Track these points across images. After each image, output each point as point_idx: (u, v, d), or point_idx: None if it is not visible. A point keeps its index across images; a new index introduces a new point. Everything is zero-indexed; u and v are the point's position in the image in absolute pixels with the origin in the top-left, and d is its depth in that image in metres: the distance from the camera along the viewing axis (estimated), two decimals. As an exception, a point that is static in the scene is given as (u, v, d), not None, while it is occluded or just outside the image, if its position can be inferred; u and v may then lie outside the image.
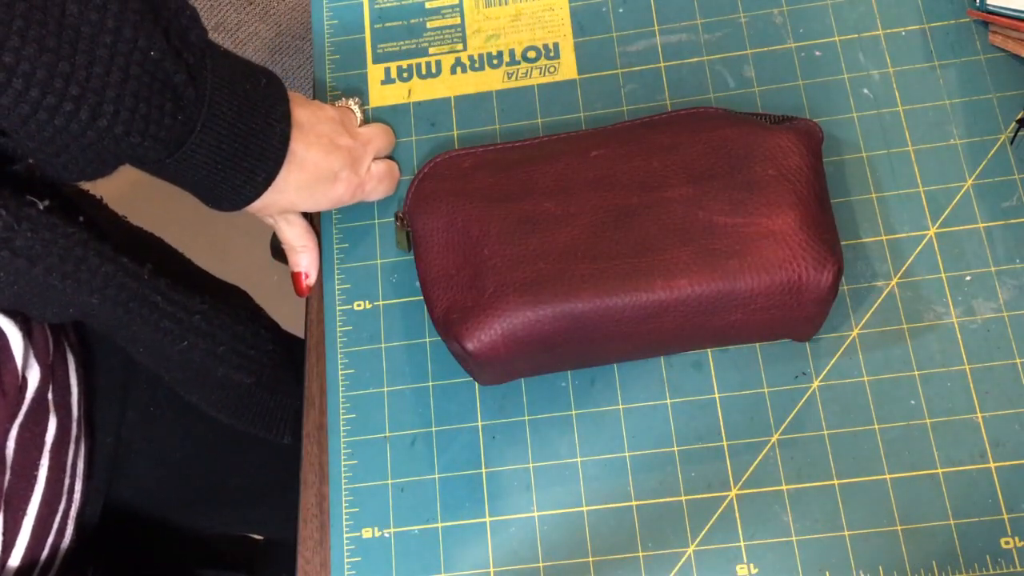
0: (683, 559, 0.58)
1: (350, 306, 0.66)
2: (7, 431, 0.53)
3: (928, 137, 0.65)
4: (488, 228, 0.57)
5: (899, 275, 0.62)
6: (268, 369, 0.68)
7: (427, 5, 0.73)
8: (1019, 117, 0.64)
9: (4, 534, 0.53)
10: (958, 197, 0.63)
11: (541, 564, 0.59)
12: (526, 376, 0.62)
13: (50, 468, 0.56)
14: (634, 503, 0.60)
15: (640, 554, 0.58)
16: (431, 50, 0.72)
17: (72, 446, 0.59)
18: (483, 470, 0.61)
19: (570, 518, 0.60)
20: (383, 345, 0.64)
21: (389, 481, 0.61)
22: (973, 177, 0.64)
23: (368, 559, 0.60)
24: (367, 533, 0.61)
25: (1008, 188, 0.63)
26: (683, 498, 0.59)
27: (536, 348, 0.56)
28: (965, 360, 0.60)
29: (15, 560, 0.54)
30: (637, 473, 0.60)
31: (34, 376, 0.55)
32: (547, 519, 0.60)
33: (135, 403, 0.70)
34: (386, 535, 0.60)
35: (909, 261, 0.62)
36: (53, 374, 0.58)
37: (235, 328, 0.65)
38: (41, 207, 0.50)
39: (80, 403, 0.61)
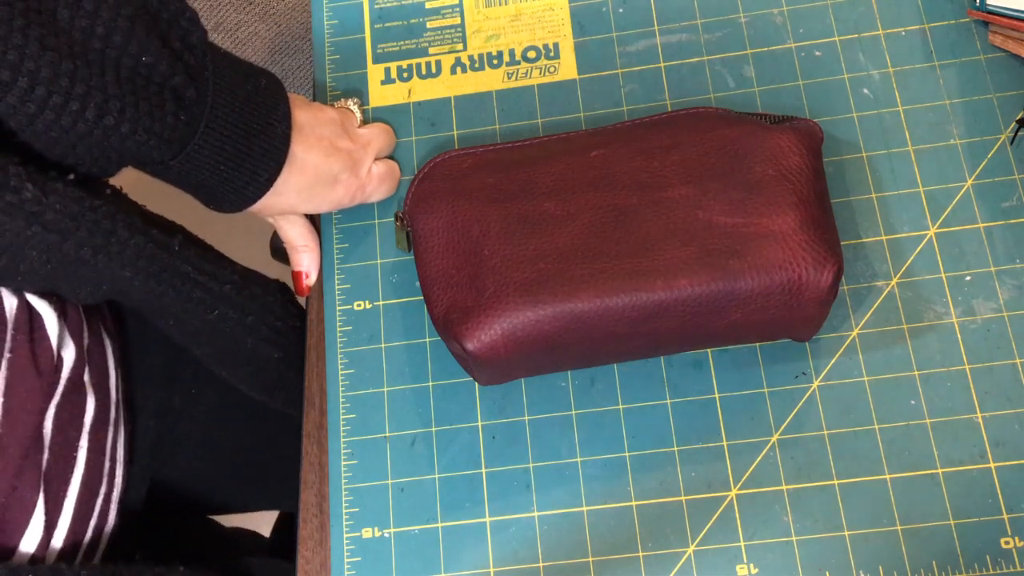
0: (683, 559, 0.58)
1: (350, 306, 0.66)
2: (44, 410, 0.53)
3: (928, 137, 0.65)
4: (488, 228, 0.57)
5: (899, 275, 0.62)
6: (295, 346, 0.68)
7: (427, 5, 0.73)
8: (1019, 117, 0.64)
9: (46, 515, 0.53)
10: (958, 197, 0.63)
11: (541, 564, 0.59)
12: (526, 376, 0.62)
13: (90, 450, 0.56)
14: (634, 503, 0.60)
15: (640, 554, 0.58)
16: (431, 50, 0.72)
17: (111, 429, 0.59)
18: (483, 470, 0.61)
19: (570, 518, 0.60)
20: (383, 345, 0.64)
21: (389, 481, 0.61)
22: (973, 177, 0.64)
23: (368, 559, 0.60)
24: (367, 533, 0.61)
25: (1008, 188, 0.63)
26: (683, 498, 0.59)
27: (536, 348, 0.56)
28: (965, 360, 0.60)
29: (58, 541, 0.54)
30: (637, 473, 0.60)
31: (69, 355, 0.55)
32: (547, 519, 0.60)
33: (181, 387, 0.70)
34: (386, 535, 0.60)
35: (909, 261, 0.62)
36: (89, 356, 0.58)
37: (265, 299, 0.64)
38: (68, 179, 0.50)
39: (118, 387, 0.61)
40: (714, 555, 0.58)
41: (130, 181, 0.64)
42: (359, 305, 0.66)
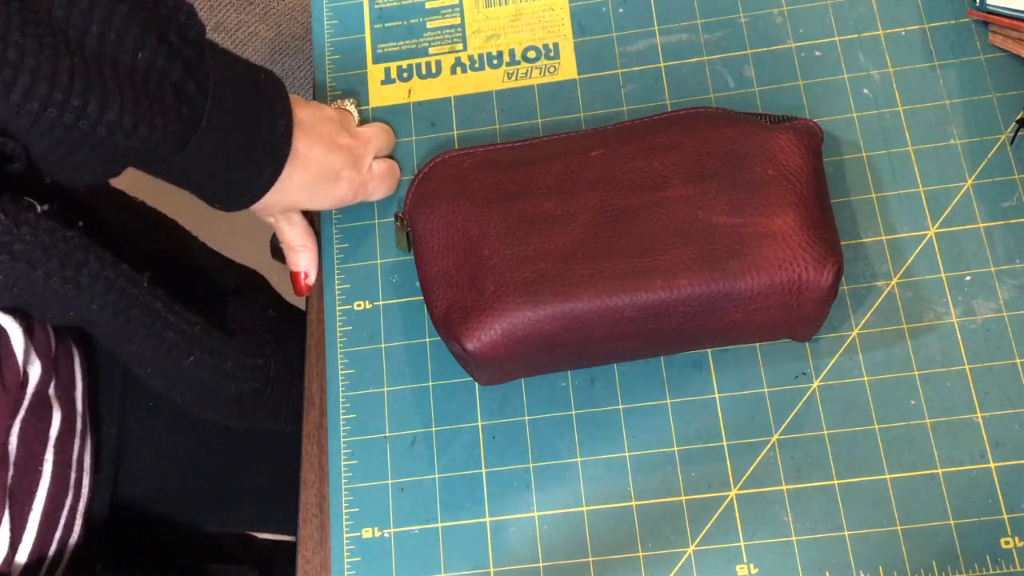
0: (683, 559, 0.58)
1: (350, 306, 0.66)
2: (9, 427, 0.53)
3: (928, 137, 0.65)
4: (488, 228, 0.57)
5: (899, 275, 0.62)
6: (273, 369, 0.68)
7: (427, 5, 0.73)
8: (1019, 117, 0.64)
9: (11, 531, 0.53)
10: (958, 197, 0.63)
11: (541, 564, 0.59)
12: (526, 376, 0.62)
13: (55, 463, 0.56)
14: (634, 503, 0.60)
15: (640, 554, 0.58)
16: (431, 50, 0.72)
17: (78, 440, 0.59)
18: (483, 470, 0.61)
19: (570, 518, 0.60)
20: (383, 345, 0.64)
21: (389, 481, 0.61)
22: (973, 177, 0.64)
23: (368, 559, 0.60)
24: (367, 533, 0.61)
25: (1008, 188, 0.63)
26: (683, 498, 0.59)
27: (536, 348, 0.56)
28: (965, 360, 0.60)
29: (22, 556, 0.54)
30: (637, 473, 0.60)
31: (35, 371, 0.55)
32: (547, 519, 0.60)
33: (134, 396, 0.69)
34: (386, 535, 0.60)
35: (909, 261, 0.62)
36: (56, 368, 0.58)
37: (238, 340, 0.64)
38: (40, 210, 0.50)
39: (84, 396, 0.61)
40: (714, 555, 0.58)
41: (131, 183, 0.64)
42: (359, 305, 0.66)
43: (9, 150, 0.48)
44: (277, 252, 0.70)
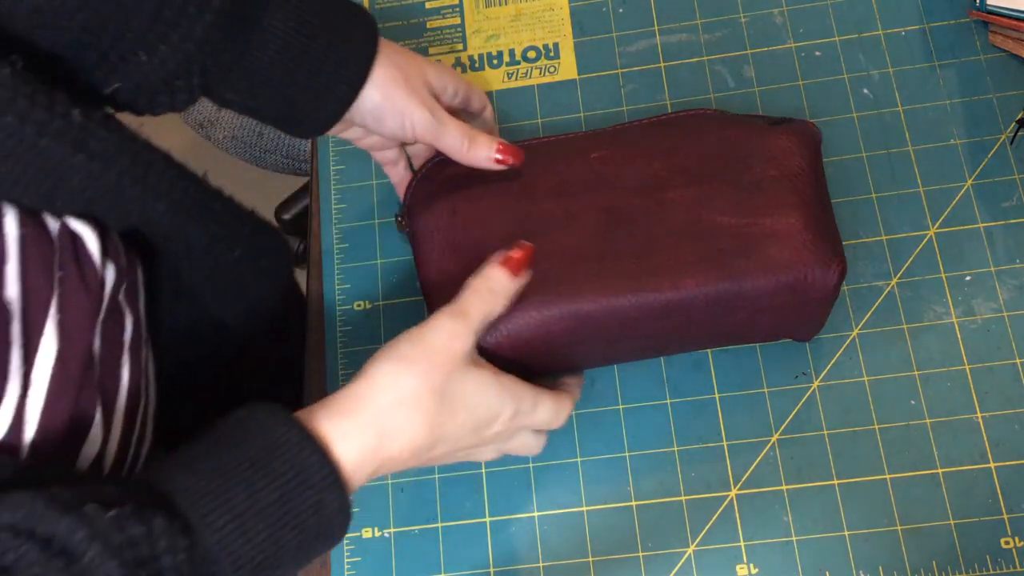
0: (683, 559, 0.58)
1: (350, 306, 0.66)
2: (94, 327, 0.53)
3: (928, 137, 0.65)
4: (490, 228, 0.57)
5: (899, 275, 0.62)
6: (295, 290, 0.68)
7: (427, 5, 0.73)
8: (1019, 117, 0.64)
9: (104, 426, 0.53)
10: (958, 197, 0.63)
11: (541, 564, 0.59)
12: (529, 376, 0.61)
13: (131, 366, 0.57)
14: (634, 503, 0.60)
15: (640, 554, 0.58)
16: (431, 50, 0.72)
17: (144, 348, 0.60)
18: (483, 470, 0.61)
19: (570, 518, 0.60)
20: (383, 345, 0.64)
21: (389, 481, 0.61)
22: (973, 177, 0.64)
23: (368, 559, 0.60)
24: (367, 533, 0.61)
25: (1008, 188, 0.63)
26: (683, 498, 0.59)
27: (541, 349, 0.56)
28: (965, 360, 0.60)
29: (110, 455, 0.54)
30: (637, 473, 0.60)
31: (110, 275, 0.55)
32: (547, 519, 0.60)
33: (188, 306, 0.70)
34: (386, 535, 0.60)
35: (909, 261, 0.62)
36: (126, 275, 0.58)
37: (273, 244, 0.65)
38: (108, 111, 0.50)
39: (145, 305, 0.61)
40: (714, 555, 0.58)
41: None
42: (359, 305, 0.66)
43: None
44: (280, 224, 0.69)
